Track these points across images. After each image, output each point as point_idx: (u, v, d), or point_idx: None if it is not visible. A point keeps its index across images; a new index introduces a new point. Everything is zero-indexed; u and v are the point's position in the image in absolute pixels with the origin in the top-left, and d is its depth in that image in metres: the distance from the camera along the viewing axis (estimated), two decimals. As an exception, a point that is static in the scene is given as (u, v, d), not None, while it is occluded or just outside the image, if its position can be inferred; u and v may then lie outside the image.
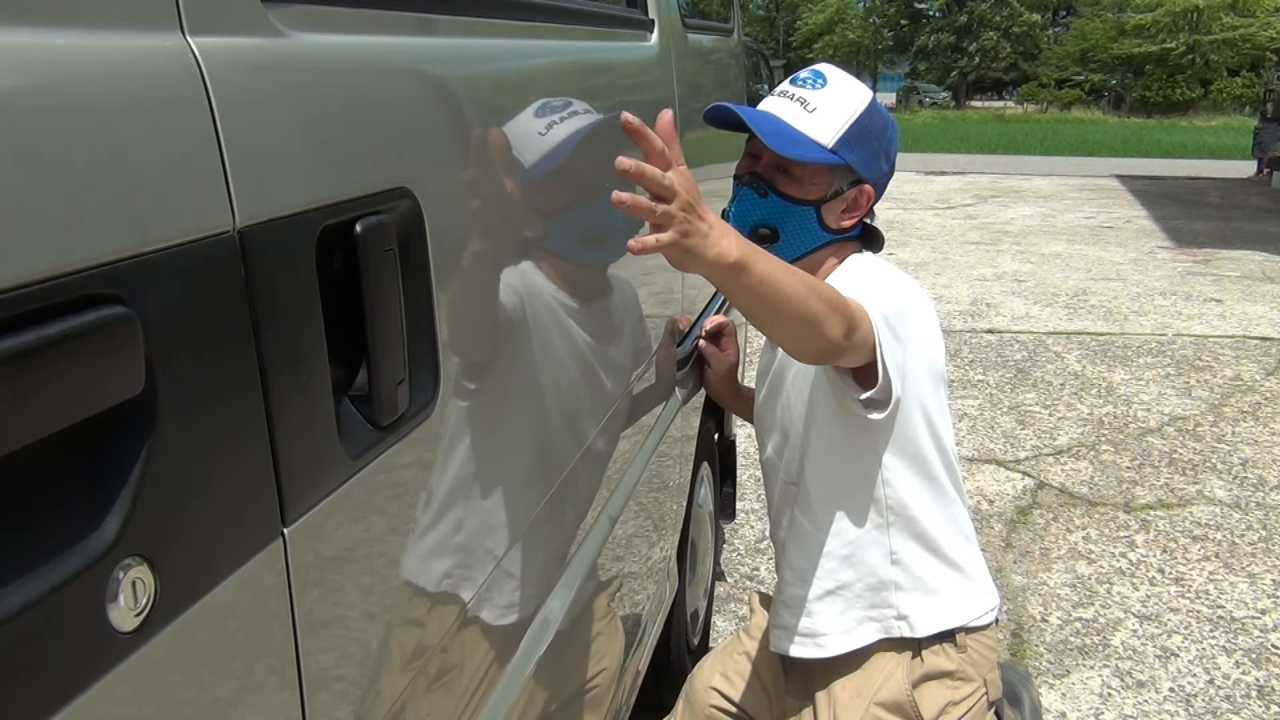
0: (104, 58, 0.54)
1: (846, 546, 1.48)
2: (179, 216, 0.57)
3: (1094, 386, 4.81)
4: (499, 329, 1.05)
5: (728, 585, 3.03)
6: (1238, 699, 2.48)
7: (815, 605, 1.50)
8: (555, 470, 1.25)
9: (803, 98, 1.43)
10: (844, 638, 1.49)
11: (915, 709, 1.45)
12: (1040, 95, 37.15)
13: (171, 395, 0.55)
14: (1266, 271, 7.46)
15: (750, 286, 1.13)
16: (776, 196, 1.43)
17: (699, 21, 2.39)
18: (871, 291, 1.33)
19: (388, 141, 0.83)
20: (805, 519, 1.51)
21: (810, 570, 1.51)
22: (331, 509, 0.72)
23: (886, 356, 1.30)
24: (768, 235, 1.45)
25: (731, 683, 1.67)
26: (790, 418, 1.52)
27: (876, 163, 1.47)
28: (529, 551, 1.17)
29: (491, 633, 1.08)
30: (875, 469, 1.45)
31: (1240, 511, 3.50)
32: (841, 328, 1.22)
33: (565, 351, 1.27)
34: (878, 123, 1.46)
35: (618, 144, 1.08)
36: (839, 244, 1.49)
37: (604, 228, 1.48)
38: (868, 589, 1.47)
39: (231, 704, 0.64)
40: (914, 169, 14.20)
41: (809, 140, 1.41)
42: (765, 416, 1.61)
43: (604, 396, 1.47)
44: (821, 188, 1.44)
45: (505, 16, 1.18)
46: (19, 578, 0.48)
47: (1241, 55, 33.11)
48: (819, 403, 1.47)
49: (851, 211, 1.47)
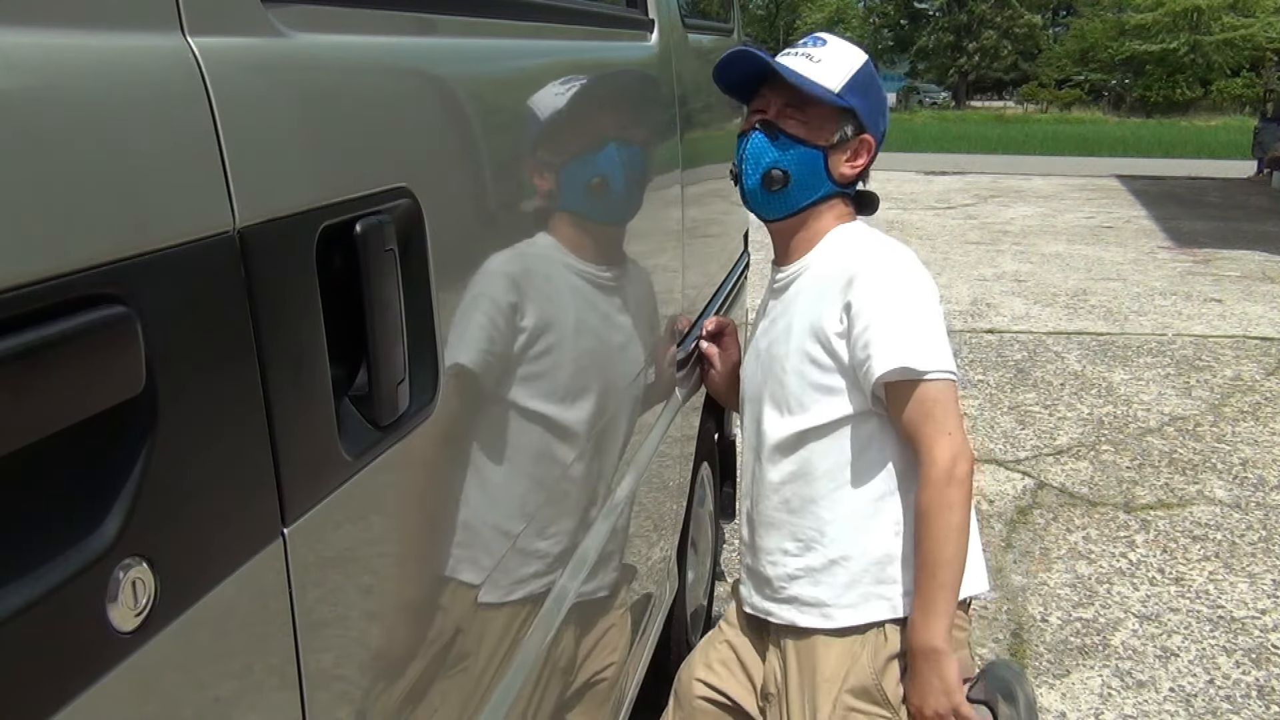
0: (104, 58, 0.54)
1: (853, 515, 1.49)
2: (179, 216, 0.57)
3: (1094, 386, 4.81)
4: (499, 328, 1.05)
5: (728, 585, 3.03)
6: (1238, 699, 2.48)
7: (822, 575, 1.51)
8: (555, 470, 1.25)
9: (807, 53, 1.53)
10: (851, 611, 1.49)
11: (882, 692, 1.47)
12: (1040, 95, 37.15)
13: (171, 395, 0.55)
14: (1266, 271, 7.46)
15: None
16: (787, 139, 1.51)
17: (699, 21, 2.39)
18: (926, 321, 1.43)
19: (388, 141, 0.83)
20: (806, 489, 1.52)
21: (817, 540, 1.51)
22: (331, 509, 0.72)
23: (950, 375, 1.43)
24: (779, 178, 1.52)
25: (716, 672, 1.67)
26: (785, 395, 1.53)
27: (875, 116, 1.55)
28: (529, 551, 1.17)
29: (492, 633, 1.08)
30: (880, 438, 1.47)
31: (1240, 511, 3.50)
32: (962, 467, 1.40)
33: (565, 351, 1.27)
34: (875, 80, 1.57)
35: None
36: (839, 200, 1.56)
37: (604, 228, 1.49)
38: (873, 562, 1.48)
39: (231, 704, 0.64)
40: (914, 169, 14.19)
41: (819, 84, 1.50)
42: (754, 392, 1.62)
43: (604, 396, 1.47)
44: (829, 133, 1.52)
45: (505, 16, 1.18)
46: (19, 578, 0.48)
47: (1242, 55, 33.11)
48: (818, 382, 1.49)
49: (854, 161, 1.54)
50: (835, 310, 1.46)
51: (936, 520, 1.37)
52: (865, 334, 1.41)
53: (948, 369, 1.40)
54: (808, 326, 1.50)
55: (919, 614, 1.39)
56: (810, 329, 1.49)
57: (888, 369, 1.39)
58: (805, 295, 1.53)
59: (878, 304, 1.42)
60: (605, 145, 1.50)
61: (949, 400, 1.40)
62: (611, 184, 1.51)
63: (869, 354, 1.41)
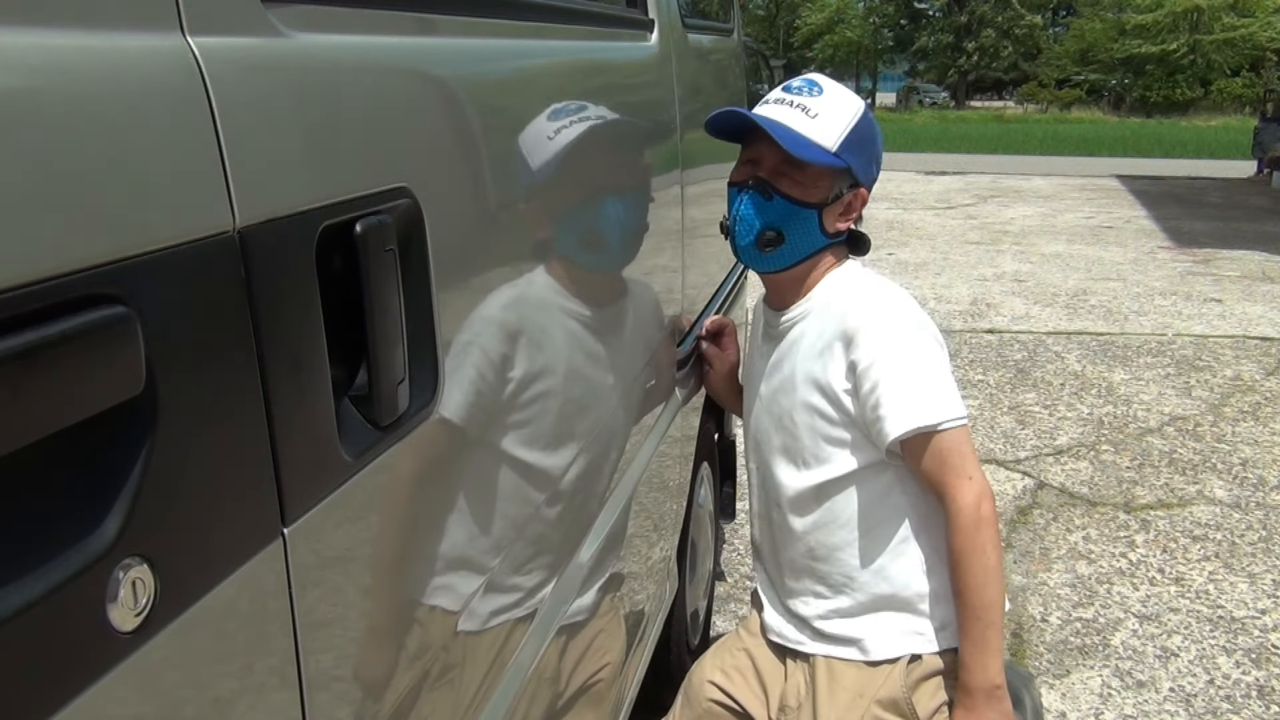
0: (104, 58, 0.54)
1: (880, 558, 1.50)
2: (179, 216, 0.57)
3: (1094, 386, 4.81)
4: (499, 328, 1.05)
5: (728, 585, 3.03)
6: (1238, 699, 2.48)
7: (854, 616, 1.52)
8: (555, 469, 1.25)
9: (803, 105, 1.47)
10: (887, 645, 1.51)
11: (911, 707, 1.48)
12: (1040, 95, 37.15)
13: (171, 395, 0.55)
14: (1266, 271, 7.46)
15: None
16: (782, 199, 1.47)
17: (699, 21, 2.39)
18: (931, 371, 1.42)
19: (388, 141, 0.83)
20: (830, 537, 1.52)
21: (846, 585, 1.52)
22: (331, 509, 0.72)
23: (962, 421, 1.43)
24: (773, 239, 1.49)
25: (730, 678, 1.67)
26: (799, 448, 1.53)
27: (870, 167, 1.54)
28: (529, 551, 1.17)
29: (492, 632, 1.08)
30: (899, 482, 1.48)
31: (1240, 511, 3.50)
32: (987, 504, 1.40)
33: (565, 351, 1.27)
34: (872, 129, 1.52)
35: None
36: (831, 249, 1.54)
37: (605, 228, 1.49)
38: (905, 602, 1.50)
39: (231, 704, 0.64)
40: (914, 169, 14.19)
41: (815, 144, 1.45)
42: (763, 439, 1.61)
43: (604, 396, 1.46)
44: (823, 191, 1.48)
45: (505, 16, 1.18)
46: (19, 578, 0.48)
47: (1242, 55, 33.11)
48: (830, 435, 1.49)
49: (847, 215, 1.53)
50: (839, 366, 1.45)
51: (973, 564, 1.38)
52: (873, 395, 1.41)
53: (958, 415, 1.41)
54: (812, 380, 1.49)
55: (973, 656, 1.40)
56: (815, 383, 1.48)
57: (900, 431, 1.39)
58: (805, 343, 1.52)
59: (881, 362, 1.41)
60: (605, 146, 1.49)
61: (964, 444, 1.41)
62: (612, 184, 1.51)
63: (879, 415, 1.41)
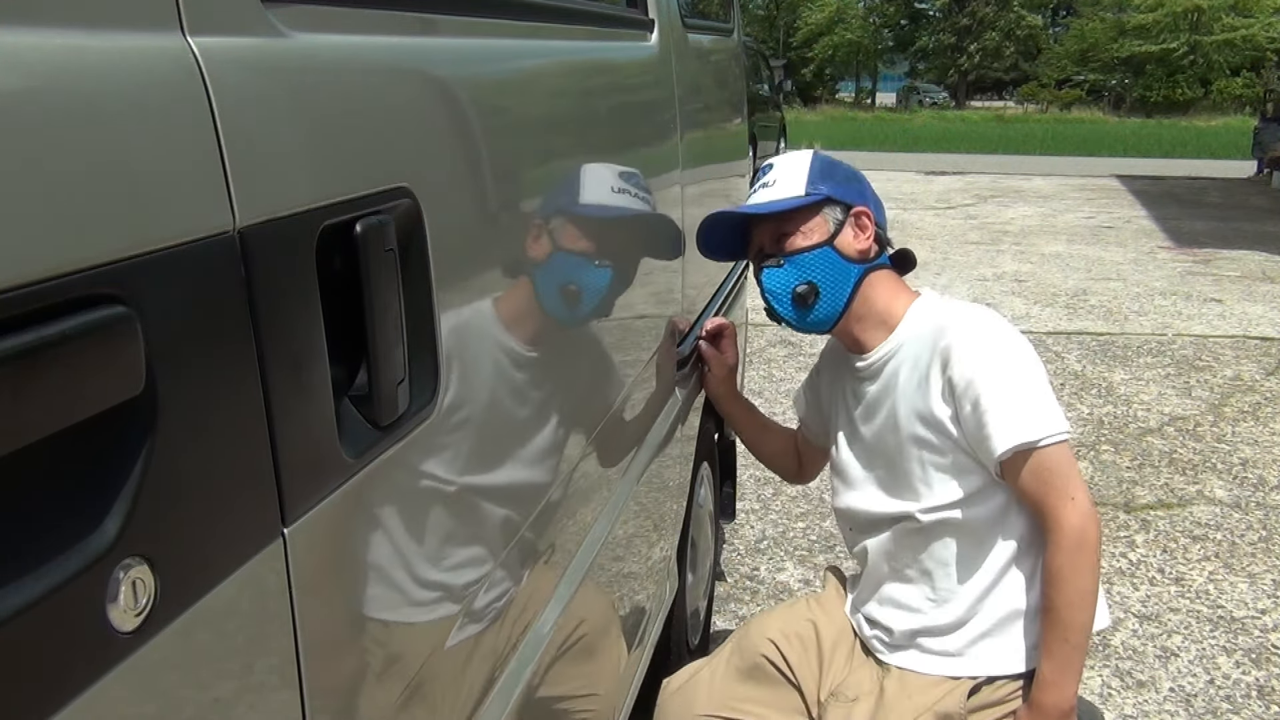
0: (104, 58, 0.54)
1: (985, 577, 1.51)
2: (179, 216, 0.57)
3: (1094, 386, 4.81)
4: (499, 328, 1.05)
5: (728, 585, 3.03)
6: (1238, 699, 2.48)
7: (950, 630, 1.54)
8: (555, 469, 1.25)
9: (763, 183, 1.61)
10: (973, 663, 1.52)
11: None
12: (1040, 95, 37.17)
13: (171, 395, 0.55)
14: (1266, 271, 7.46)
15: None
16: (793, 255, 1.55)
17: (699, 21, 2.39)
18: (1029, 384, 1.44)
19: (388, 141, 0.83)
20: (941, 553, 1.54)
21: (947, 599, 1.54)
22: (332, 509, 0.72)
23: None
24: (808, 291, 1.55)
25: (789, 643, 1.69)
26: (910, 481, 1.54)
27: (850, 185, 1.59)
28: (529, 551, 1.17)
29: (492, 632, 1.08)
30: (1012, 504, 1.49)
31: (1240, 511, 3.50)
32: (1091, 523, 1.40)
33: (566, 351, 1.28)
34: (829, 161, 1.62)
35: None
36: (877, 274, 1.57)
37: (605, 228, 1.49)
38: (1000, 619, 1.51)
39: (231, 704, 0.64)
40: (914, 169, 14.19)
41: (786, 198, 1.56)
42: (860, 475, 1.62)
43: (604, 396, 1.47)
44: (822, 228, 1.55)
45: (505, 16, 1.18)
46: (19, 577, 0.48)
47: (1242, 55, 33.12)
48: (941, 464, 1.50)
49: (860, 234, 1.57)
50: (938, 392, 1.47)
51: (1070, 586, 1.39)
52: (974, 415, 1.42)
53: (1060, 430, 1.41)
54: (915, 414, 1.50)
55: (1053, 675, 1.41)
56: (919, 416, 1.50)
57: (1004, 449, 1.41)
58: (903, 377, 1.53)
59: (979, 381, 1.42)
60: (605, 145, 1.50)
61: (1067, 463, 1.42)
62: (612, 184, 1.51)
63: (983, 435, 1.42)
